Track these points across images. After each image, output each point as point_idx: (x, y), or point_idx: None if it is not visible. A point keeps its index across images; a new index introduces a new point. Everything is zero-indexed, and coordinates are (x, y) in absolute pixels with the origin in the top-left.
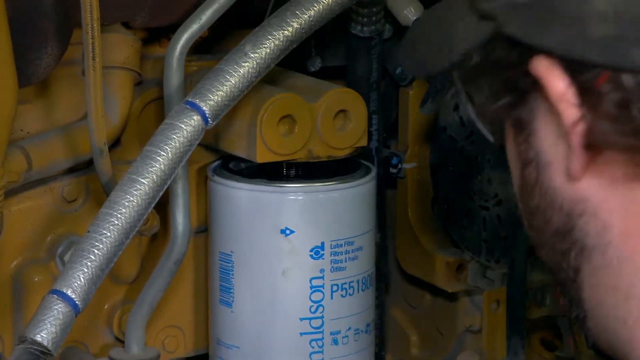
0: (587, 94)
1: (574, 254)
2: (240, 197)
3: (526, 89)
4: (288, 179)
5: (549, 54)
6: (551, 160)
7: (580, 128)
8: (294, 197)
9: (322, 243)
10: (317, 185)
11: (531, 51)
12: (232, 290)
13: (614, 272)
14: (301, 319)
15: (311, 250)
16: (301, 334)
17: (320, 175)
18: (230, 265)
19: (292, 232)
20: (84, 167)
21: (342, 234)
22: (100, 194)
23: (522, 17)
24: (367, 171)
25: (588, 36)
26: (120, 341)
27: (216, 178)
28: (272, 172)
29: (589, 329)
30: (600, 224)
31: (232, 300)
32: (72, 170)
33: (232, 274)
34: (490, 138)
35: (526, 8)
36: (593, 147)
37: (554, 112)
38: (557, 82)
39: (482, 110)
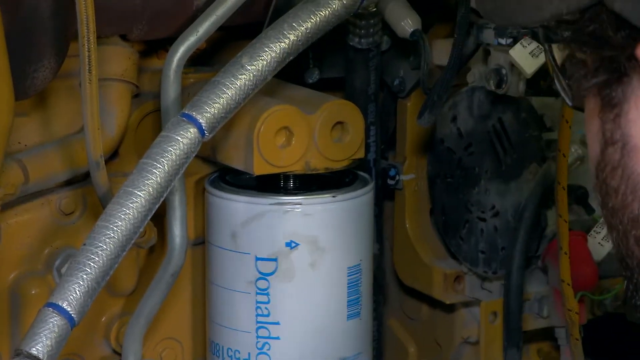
0: None
1: None
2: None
3: (627, 71)
4: (286, 191)
5: None
6: None
7: None
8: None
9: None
10: (315, 197)
11: (639, 34)
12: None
13: None
14: None
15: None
16: None
17: (318, 187)
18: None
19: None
20: (81, 179)
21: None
22: (97, 207)
23: None
24: (365, 183)
25: None
26: (118, 354)
27: (213, 190)
28: (270, 184)
29: None
30: None
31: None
32: (69, 183)
33: None
34: (569, 102)
35: None
36: None
37: None
38: None
39: (569, 80)
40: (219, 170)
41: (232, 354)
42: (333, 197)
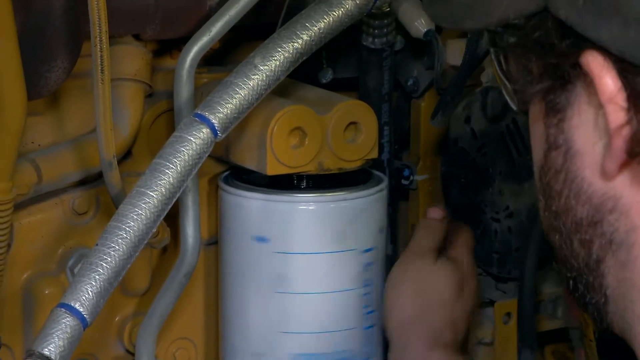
0: (636, 98)
1: (598, 245)
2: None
3: (570, 78)
4: (299, 188)
5: (603, 49)
6: (583, 151)
7: (625, 132)
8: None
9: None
10: (329, 195)
11: (584, 42)
12: None
13: (638, 271)
14: None
15: None
16: None
17: (331, 185)
18: None
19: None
20: (94, 179)
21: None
22: (111, 206)
23: (579, 4)
24: (379, 181)
25: None
26: (131, 354)
27: (227, 187)
28: (284, 182)
29: (607, 312)
30: (629, 224)
31: None
32: (82, 183)
33: None
34: (514, 107)
35: None
36: (633, 152)
37: (594, 106)
38: (609, 82)
39: (515, 85)
40: (232, 168)
41: None
42: (347, 194)
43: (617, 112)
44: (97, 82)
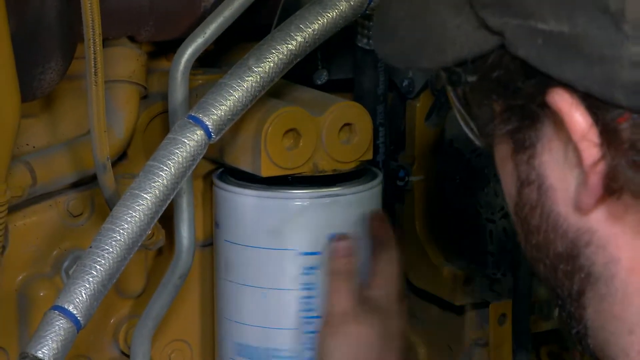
0: (608, 133)
1: (578, 277)
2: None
3: (537, 117)
4: (294, 184)
5: (568, 87)
6: (556, 186)
7: (600, 168)
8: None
9: None
10: (323, 190)
11: (548, 80)
12: None
13: (618, 303)
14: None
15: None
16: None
17: (326, 180)
18: None
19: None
20: (89, 181)
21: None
22: (106, 208)
23: (539, 43)
24: (374, 176)
25: (617, 78)
26: (126, 355)
27: (221, 184)
28: (278, 178)
29: (588, 345)
30: (607, 256)
31: None
32: (77, 185)
33: None
34: (478, 144)
35: (545, 35)
36: (610, 188)
37: (563, 141)
38: (579, 119)
39: (477, 122)
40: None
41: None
42: (341, 190)
43: (590, 148)
44: (90, 84)
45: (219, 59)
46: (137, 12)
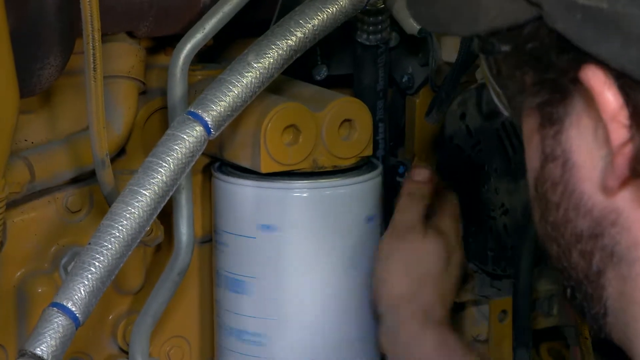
0: (638, 115)
1: (599, 257)
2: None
3: (568, 92)
4: (293, 174)
5: (603, 65)
6: (582, 164)
7: (627, 150)
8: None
9: None
10: (323, 181)
11: (583, 56)
12: None
13: (639, 288)
14: None
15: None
16: None
17: (325, 171)
18: None
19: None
20: (88, 177)
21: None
22: (105, 204)
23: (577, 18)
24: (373, 167)
25: None
26: (125, 352)
27: (220, 175)
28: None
29: (606, 323)
30: (631, 239)
31: None
32: (76, 181)
33: None
34: (506, 114)
35: (584, 11)
36: (636, 171)
37: (593, 119)
38: (611, 99)
39: (507, 92)
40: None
41: None
42: (341, 181)
43: (619, 129)
44: (89, 80)
45: (218, 54)
46: (136, 7)
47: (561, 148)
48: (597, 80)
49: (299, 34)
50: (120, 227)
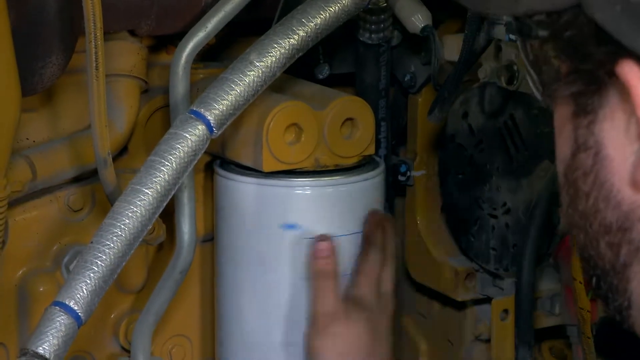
0: None
1: (626, 250)
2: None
3: (604, 84)
4: (296, 172)
5: (638, 58)
6: (613, 156)
7: None
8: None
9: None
10: (325, 179)
11: (621, 50)
12: None
13: None
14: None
15: None
16: None
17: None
18: None
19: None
20: (90, 175)
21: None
22: (106, 203)
23: (617, 10)
24: (376, 165)
25: None
26: (127, 351)
27: (222, 172)
28: None
29: (630, 315)
30: None
31: None
32: (78, 179)
33: None
34: (539, 97)
35: (624, 3)
36: None
37: (627, 112)
38: None
39: (541, 77)
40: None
41: None
42: (343, 178)
43: None
44: (91, 79)
45: (220, 53)
46: (138, 5)
47: (594, 139)
48: (633, 75)
49: (301, 33)
50: (122, 226)
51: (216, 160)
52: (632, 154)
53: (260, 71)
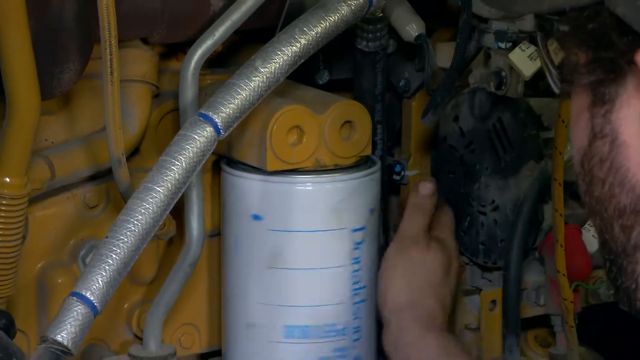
0: None
1: (637, 232)
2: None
3: (623, 72)
4: (298, 171)
5: None
6: (630, 142)
7: None
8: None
9: None
10: (324, 176)
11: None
12: None
13: None
14: None
15: None
16: None
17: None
18: None
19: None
20: (104, 174)
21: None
22: (120, 200)
23: (637, 5)
24: (372, 165)
25: None
26: (139, 339)
27: (229, 169)
28: None
29: (637, 298)
30: None
31: None
32: (93, 178)
33: None
34: (556, 90)
35: None
36: None
37: None
38: None
39: (559, 70)
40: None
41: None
42: (341, 175)
43: None
44: (106, 84)
45: (226, 60)
46: (149, 15)
47: (610, 127)
48: None
49: (303, 41)
50: (135, 222)
51: (223, 159)
52: None
53: (264, 77)
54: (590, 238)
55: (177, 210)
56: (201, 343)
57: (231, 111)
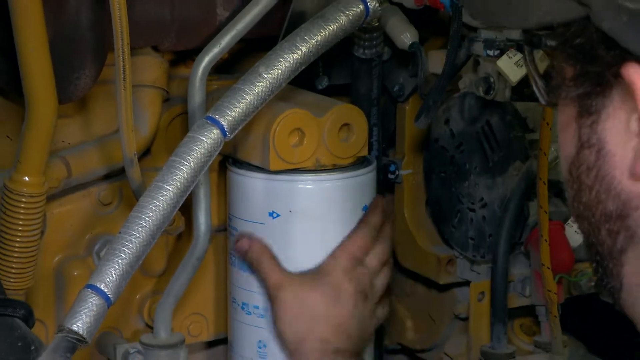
0: None
1: (623, 236)
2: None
3: (609, 85)
4: (299, 170)
5: None
6: (615, 152)
7: None
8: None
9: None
10: (324, 175)
11: (627, 55)
12: None
13: None
14: None
15: None
16: None
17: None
18: None
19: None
20: (118, 173)
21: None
22: (132, 198)
23: (623, 20)
24: (368, 164)
25: None
26: (150, 327)
27: (234, 169)
28: None
29: (620, 298)
30: None
31: None
32: (107, 177)
33: None
34: (543, 102)
35: (631, 14)
36: None
37: (627, 111)
38: None
39: (546, 83)
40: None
41: None
42: (340, 174)
43: None
44: (119, 89)
45: (232, 66)
46: (160, 24)
47: (597, 137)
48: (637, 76)
49: (303, 49)
50: (146, 218)
51: (229, 159)
52: (631, 148)
53: (267, 82)
54: (572, 233)
55: (186, 207)
56: (209, 331)
57: (236, 114)
